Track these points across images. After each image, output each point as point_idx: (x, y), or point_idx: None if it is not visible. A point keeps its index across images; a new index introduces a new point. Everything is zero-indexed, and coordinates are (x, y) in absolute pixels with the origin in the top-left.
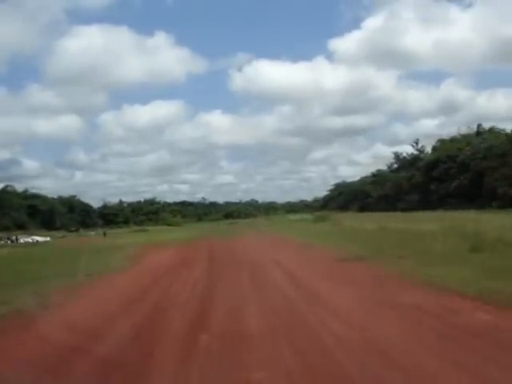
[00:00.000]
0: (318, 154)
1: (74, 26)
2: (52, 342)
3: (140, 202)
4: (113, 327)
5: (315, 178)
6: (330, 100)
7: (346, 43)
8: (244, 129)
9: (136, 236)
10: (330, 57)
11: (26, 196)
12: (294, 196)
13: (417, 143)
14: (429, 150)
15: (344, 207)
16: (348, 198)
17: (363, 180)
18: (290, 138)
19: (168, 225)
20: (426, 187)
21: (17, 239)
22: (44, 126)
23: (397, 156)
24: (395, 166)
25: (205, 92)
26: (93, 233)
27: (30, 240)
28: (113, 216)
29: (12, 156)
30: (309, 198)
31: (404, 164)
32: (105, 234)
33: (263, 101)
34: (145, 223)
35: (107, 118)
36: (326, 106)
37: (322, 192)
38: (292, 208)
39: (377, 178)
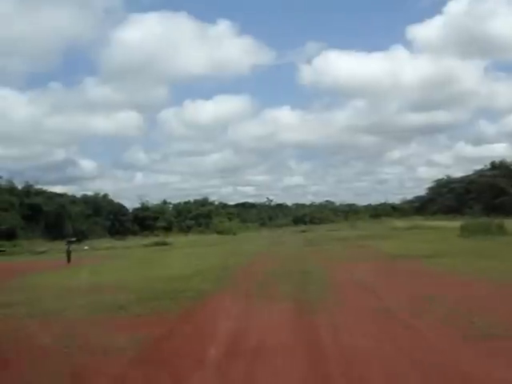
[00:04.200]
0: (395, 153)
1: (130, 14)
2: None
3: (188, 202)
4: None
5: (391, 180)
6: (409, 94)
7: (426, 30)
8: (314, 126)
9: (124, 262)
10: (409, 46)
11: (27, 193)
12: (367, 199)
13: None
14: None
15: (457, 210)
16: (463, 197)
17: (480, 173)
18: (365, 136)
19: (219, 232)
20: None
21: None
22: (101, 123)
23: None
24: None
25: (272, 86)
26: (86, 247)
27: None
28: (151, 220)
29: (67, 156)
30: (383, 200)
31: None
32: (69, 256)
33: (335, 95)
34: (193, 229)
35: (168, 115)
36: (404, 100)
37: (398, 195)
38: (376, 211)
39: (501, 170)
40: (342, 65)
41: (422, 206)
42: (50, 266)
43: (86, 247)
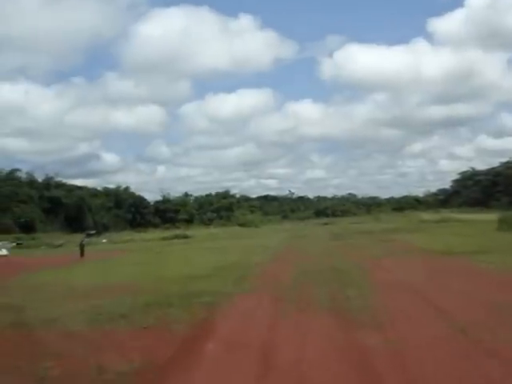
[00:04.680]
0: (417, 146)
1: (152, 9)
2: None
3: (210, 195)
4: None
5: (413, 173)
6: (430, 87)
7: (447, 23)
8: (336, 119)
9: (139, 257)
10: (430, 39)
11: (47, 185)
12: (389, 192)
13: None
14: None
15: (483, 202)
16: (489, 189)
17: (507, 165)
18: (386, 130)
19: (240, 225)
20: None
21: None
22: (123, 117)
23: None
24: None
25: (293, 79)
26: (104, 240)
27: None
28: (173, 213)
29: (90, 150)
30: (405, 193)
31: None
32: (82, 250)
33: (356, 89)
34: (215, 222)
35: (190, 109)
36: (426, 93)
37: (420, 188)
38: (399, 204)
39: None
40: (363, 58)
41: (446, 199)
42: (62, 260)
43: (104, 240)
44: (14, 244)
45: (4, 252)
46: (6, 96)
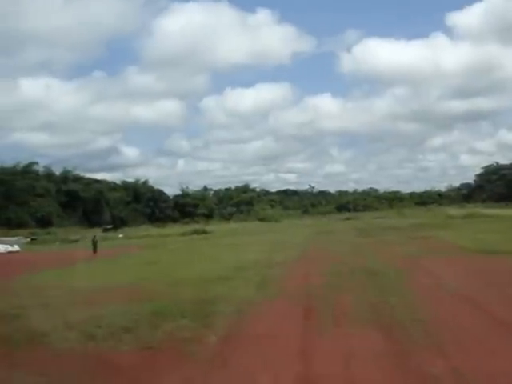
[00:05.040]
0: (437, 140)
1: (172, 3)
2: None
3: (229, 189)
4: None
5: (433, 167)
6: (450, 81)
7: (466, 17)
8: (355, 114)
9: (153, 254)
10: (449, 33)
11: (64, 179)
12: (409, 187)
13: None
14: None
15: (509, 197)
16: None
17: None
18: (406, 124)
19: (260, 220)
20: None
21: None
22: (143, 111)
23: None
24: None
25: (312, 73)
26: (121, 235)
27: None
28: (192, 207)
29: (111, 144)
30: (426, 188)
31: None
32: (95, 246)
33: (376, 83)
34: (234, 217)
35: (209, 103)
36: (446, 87)
37: (441, 182)
38: (421, 199)
39: None
40: (382, 52)
41: (469, 194)
42: (73, 257)
43: (120, 235)
44: (28, 239)
45: (15, 248)
46: (28, 90)
